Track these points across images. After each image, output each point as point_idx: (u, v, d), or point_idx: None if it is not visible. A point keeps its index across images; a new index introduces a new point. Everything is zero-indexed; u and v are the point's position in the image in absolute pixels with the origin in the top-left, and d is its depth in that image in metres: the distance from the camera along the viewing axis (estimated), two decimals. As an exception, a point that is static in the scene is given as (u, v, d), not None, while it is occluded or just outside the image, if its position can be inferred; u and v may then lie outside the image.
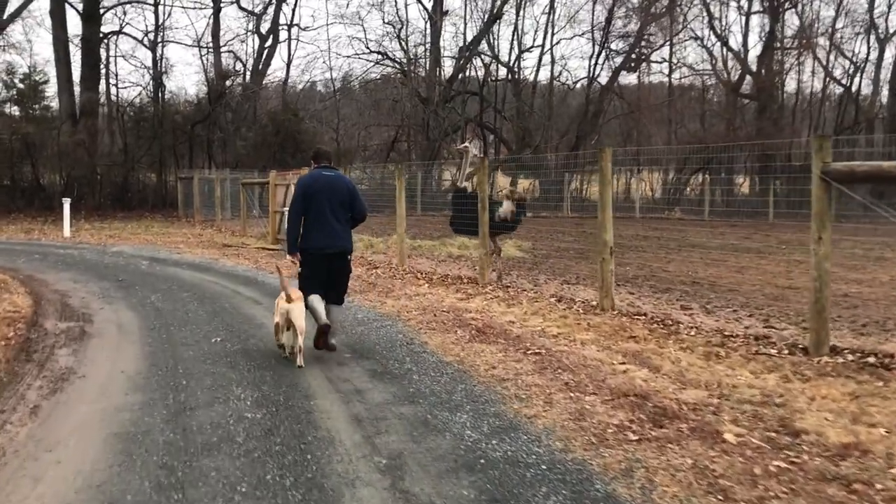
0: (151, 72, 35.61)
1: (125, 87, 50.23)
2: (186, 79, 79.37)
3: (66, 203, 21.92)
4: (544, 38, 40.51)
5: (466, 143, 13.20)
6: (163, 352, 7.00)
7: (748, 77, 41.17)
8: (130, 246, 18.59)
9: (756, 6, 40.49)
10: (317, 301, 6.85)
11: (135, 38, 36.45)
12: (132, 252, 16.98)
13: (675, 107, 41.34)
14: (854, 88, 40.36)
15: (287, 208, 18.90)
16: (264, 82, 38.47)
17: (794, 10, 39.78)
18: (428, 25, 38.89)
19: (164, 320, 8.63)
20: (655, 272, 13.48)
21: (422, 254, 16.22)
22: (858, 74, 40.23)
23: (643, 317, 8.42)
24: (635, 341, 7.16)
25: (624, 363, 6.28)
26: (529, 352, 6.66)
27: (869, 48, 40.07)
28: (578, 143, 37.17)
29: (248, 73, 38.07)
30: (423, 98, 37.24)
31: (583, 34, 44.57)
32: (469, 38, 39.65)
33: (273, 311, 6.84)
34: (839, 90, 41.13)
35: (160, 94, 35.81)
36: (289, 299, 6.55)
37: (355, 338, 7.55)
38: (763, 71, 40.28)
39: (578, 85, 42.48)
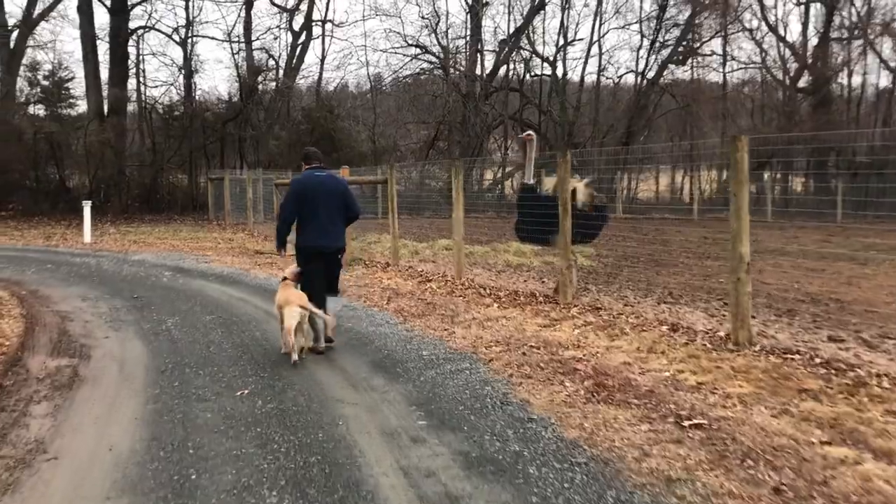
0: (182, 68, 34.09)
1: (155, 87, 49.15)
2: (217, 75, 77.76)
3: (87, 206, 20.29)
4: (592, 30, 38.41)
5: (531, 132, 11.15)
6: (171, 412, 5.16)
7: (805, 71, 38.66)
8: (154, 253, 16.89)
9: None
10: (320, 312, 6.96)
11: (164, 33, 34.97)
12: (155, 261, 15.27)
13: (729, 102, 38.91)
14: None
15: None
16: (298, 79, 36.84)
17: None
18: (468, 17, 36.92)
19: (179, 357, 6.81)
20: (757, 286, 11.41)
21: (475, 262, 14.29)
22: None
23: (796, 356, 6.42)
24: (815, 399, 5.17)
25: (829, 443, 4.31)
26: (683, 421, 4.70)
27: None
28: (629, 140, 34.96)
29: (281, 70, 36.42)
30: (464, 93, 35.30)
31: (630, 25, 42.26)
32: (511, 30, 37.60)
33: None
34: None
35: (191, 92, 34.28)
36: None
37: (426, 389, 5.65)
38: (819, 64, 37.77)
39: (626, 79, 40.33)
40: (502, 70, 38.20)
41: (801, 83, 38.96)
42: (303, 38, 36.54)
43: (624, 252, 16.54)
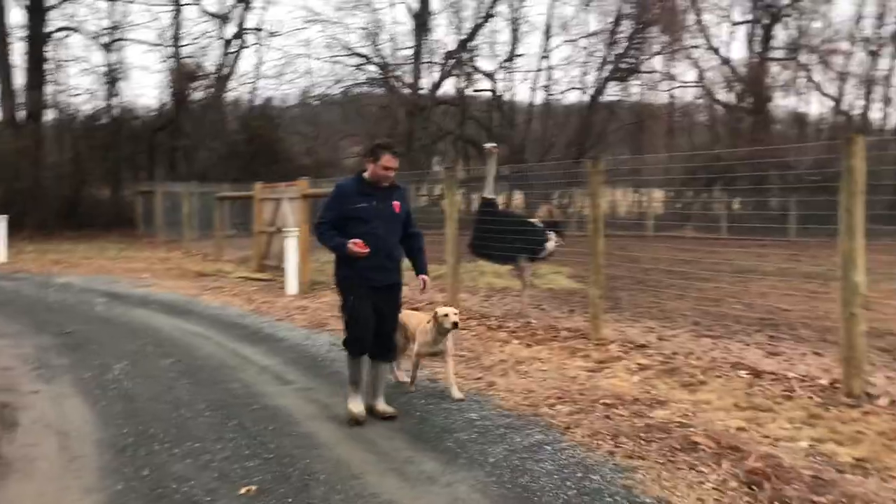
0: (107, 74, 31.55)
1: (77, 94, 45.97)
2: (147, 82, 73.73)
3: (2, 221, 17.92)
4: (542, 46, 37.49)
5: (494, 144, 10.13)
6: (150, 529, 3.46)
7: (742, 90, 38.60)
8: (82, 276, 14.78)
9: (747, 16, 37.99)
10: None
11: (88, 35, 32.32)
12: (83, 284, 13.21)
13: (681, 119, 38.59)
14: (845, 101, 37.63)
15: (275, 227, 15.50)
16: (234, 88, 34.70)
17: (783, 22, 37.33)
18: (414, 29, 35.47)
19: (141, 426, 5.05)
20: (773, 311, 10.22)
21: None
22: (853, 88, 37.51)
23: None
24: None
25: None
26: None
27: (864, 61, 37.49)
28: (580, 157, 34.02)
29: (214, 79, 34.20)
30: (409, 105, 33.77)
31: (577, 41, 41.45)
32: (457, 43, 36.28)
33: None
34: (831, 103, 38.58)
35: (116, 99, 31.77)
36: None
37: (505, 479, 4.07)
38: (755, 84, 37.76)
39: (570, 97, 39.47)
40: (450, 83, 36.92)
41: (744, 103, 38.96)
42: (236, 46, 34.49)
43: (608, 273, 15.21)
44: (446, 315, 5.56)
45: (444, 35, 61.52)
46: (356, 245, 4.97)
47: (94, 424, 5.13)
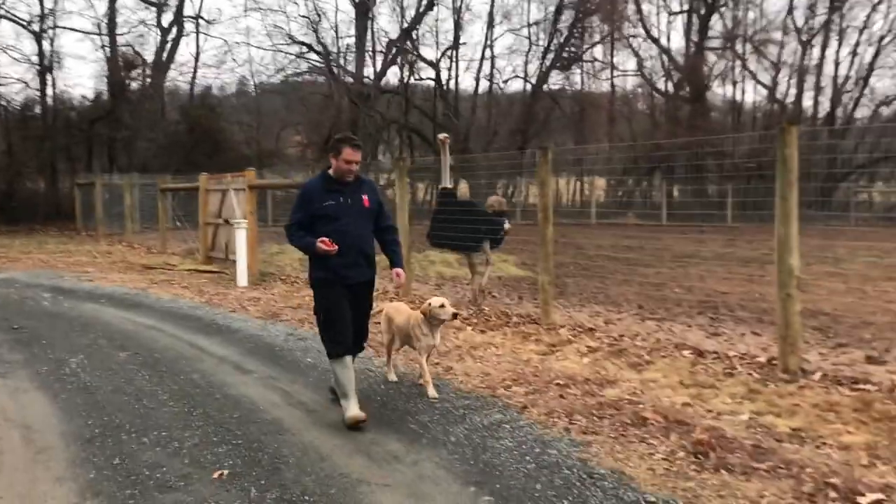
0: (40, 63, 30.71)
1: (7, 83, 44.66)
2: (85, 71, 71.31)
3: (-65, 215, 17.42)
4: (486, 36, 37.70)
5: (446, 135, 10.25)
6: (127, 514, 3.57)
7: (680, 79, 39.49)
8: (23, 270, 14.50)
9: (685, 6, 38.88)
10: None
11: (18, 21, 31.36)
12: (26, 279, 12.99)
13: (621, 108, 39.29)
14: (779, 90, 38.86)
15: (223, 219, 15.39)
16: (174, 78, 34.14)
17: (719, 12, 38.27)
18: (356, 17, 35.32)
19: (106, 417, 5.11)
20: (713, 294, 10.66)
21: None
22: (786, 77, 38.72)
23: (869, 385, 5.47)
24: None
25: None
26: (855, 497, 3.56)
27: (797, 51, 38.75)
28: (524, 146, 34.42)
29: (152, 68, 33.56)
30: (352, 95, 33.67)
31: (519, 30, 41.78)
32: (400, 31, 36.27)
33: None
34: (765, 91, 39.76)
35: (51, 89, 30.96)
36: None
37: (468, 456, 4.27)
38: (693, 73, 38.66)
39: (514, 85, 39.87)
40: (393, 72, 36.92)
41: (682, 91, 39.83)
42: (173, 34, 33.92)
43: (558, 261, 15.56)
44: (442, 306, 5.41)
45: (386, 23, 61.43)
46: (324, 243, 4.89)
47: (57, 417, 5.16)
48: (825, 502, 3.53)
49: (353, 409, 4.89)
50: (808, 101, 37.19)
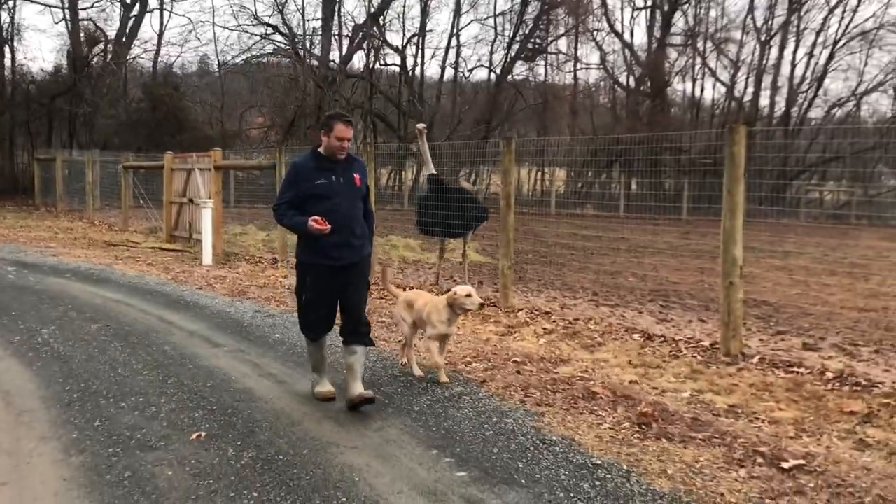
0: (-3, 34, 30.20)
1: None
2: (46, 45, 69.76)
3: None
4: (452, 24, 37.88)
5: (423, 124, 10.49)
6: (112, 468, 3.81)
7: (642, 74, 40.17)
8: (-17, 244, 14.46)
9: (649, 2, 39.50)
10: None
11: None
12: (-12, 253, 12.98)
13: (584, 100, 39.81)
14: (737, 88, 39.76)
15: (187, 198, 15.46)
16: (136, 56, 33.78)
17: (681, 9, 39.00)
18: (321, 0, 35.22)
19: (83, 383, 5.32)
20: (665, 284, 11.15)
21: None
22: (745, 75, 39.61)
23: (802, 369, 5.91)
24: (873, 424, 4.62)
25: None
26: (779, 462, 3.95)
27: (755, 50, 39.66)
28: (488, 135, 34.75)
29: (114, 44, 33.15)
30: (318, 78, 33.65)
31: (486, 20, 42.06)
32: (367, 16, 36.27)
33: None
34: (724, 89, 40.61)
35: (9, 62, 30.43)
36: None
37: (431, 423, 4.60)
38: (654, 68, 39.38)
39: (478, 75, 40.21)
40: (359, 57, 36.95)
41: (644, 86, 40.51)
42: (136, 10, 33.52)
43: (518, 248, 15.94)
44: (469, 295, 5.29)
45: (353, 8, 61.08)
46: (317, 223, 4.72)
47: (35, 383, 5.36)
48: (752, 467, 3.91)
49: (324, 385, 5.06)
50: (765, 100, 38.18)
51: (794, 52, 35.89)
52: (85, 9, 32.24)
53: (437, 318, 5.39)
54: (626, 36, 40.37)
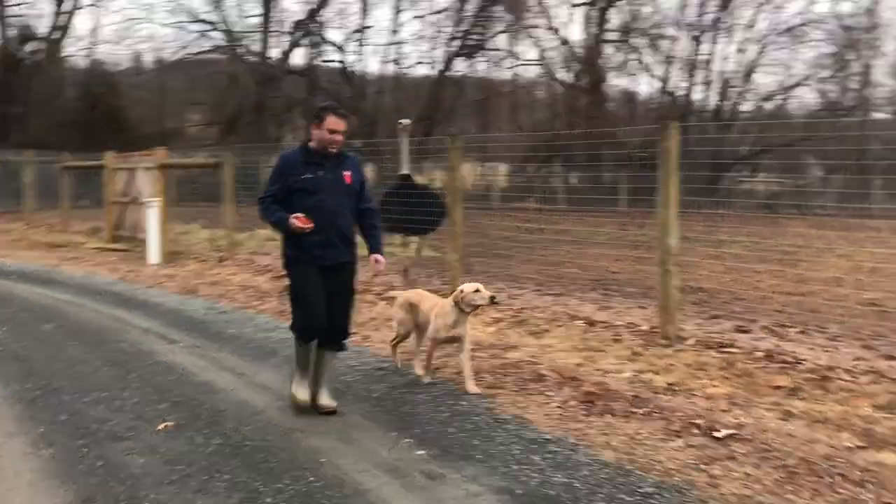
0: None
1: None
2: None
3: None
4: (392, 20, 38.04)
5: (406, 120, 10.61)
6: (84, 459, 3.96)
7: (579, 69, 40.90)
8: (-82, 247, 14.16)
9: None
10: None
11: None
12: (-75, 256, 12.75)
13: (524, 97, 40.34)
14: (671, 83, 40.71)
15: (130, 197, 15.33)
16: (71, 54, 33.05)
17: (616, 6, 39.85)
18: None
19: (44, 381, 5.42)
20: (605, 273, 11.59)
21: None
22: (678, 70, 40.60)
23: (734, 349, 6.31)
24: (800, 398, 5.02)
25: (864, 447, 4.12)
26: (712, 432, 4.30)
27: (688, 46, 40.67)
28: (430, 132, 35.00)
29: (47, 41, 32.39)
30: (257, 76, 33.40)
31: (425, 16, 42.28)
32: (306, 12, 36.12)
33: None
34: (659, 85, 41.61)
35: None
36: None
37: (389, 408, 4.85)
38: (591, 64, 40.16)
39: (420, 71, 40.36)
40: (299, 54, 36.78)
41: (581, 82, 41.26)
42: (69, 6, 32.79)
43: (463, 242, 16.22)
44: (477, 290, 5.06)
45: (292, 3, 60.53)
46: (298, 220, 4.54)
47: (-6, 382, 5.44)
48: (689, 437, 4.26)
49: (303, 391, 4.76)
50: (698, 94, 39.21)
51: (725, 47, 36.95)
52: (14, 5, 31.45)
53: (439, 321, 5.19)
54: (564, 32, 40.97)
